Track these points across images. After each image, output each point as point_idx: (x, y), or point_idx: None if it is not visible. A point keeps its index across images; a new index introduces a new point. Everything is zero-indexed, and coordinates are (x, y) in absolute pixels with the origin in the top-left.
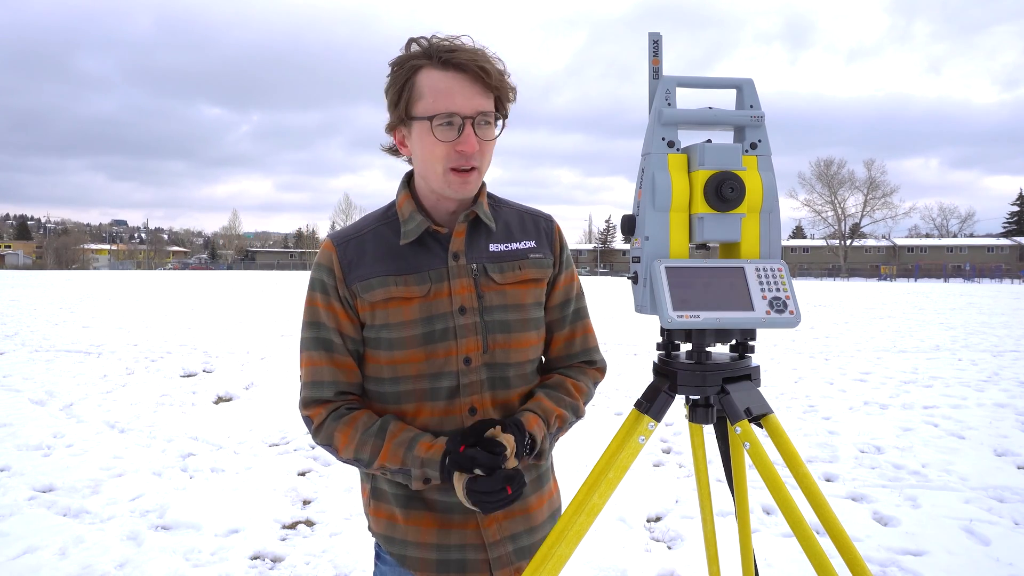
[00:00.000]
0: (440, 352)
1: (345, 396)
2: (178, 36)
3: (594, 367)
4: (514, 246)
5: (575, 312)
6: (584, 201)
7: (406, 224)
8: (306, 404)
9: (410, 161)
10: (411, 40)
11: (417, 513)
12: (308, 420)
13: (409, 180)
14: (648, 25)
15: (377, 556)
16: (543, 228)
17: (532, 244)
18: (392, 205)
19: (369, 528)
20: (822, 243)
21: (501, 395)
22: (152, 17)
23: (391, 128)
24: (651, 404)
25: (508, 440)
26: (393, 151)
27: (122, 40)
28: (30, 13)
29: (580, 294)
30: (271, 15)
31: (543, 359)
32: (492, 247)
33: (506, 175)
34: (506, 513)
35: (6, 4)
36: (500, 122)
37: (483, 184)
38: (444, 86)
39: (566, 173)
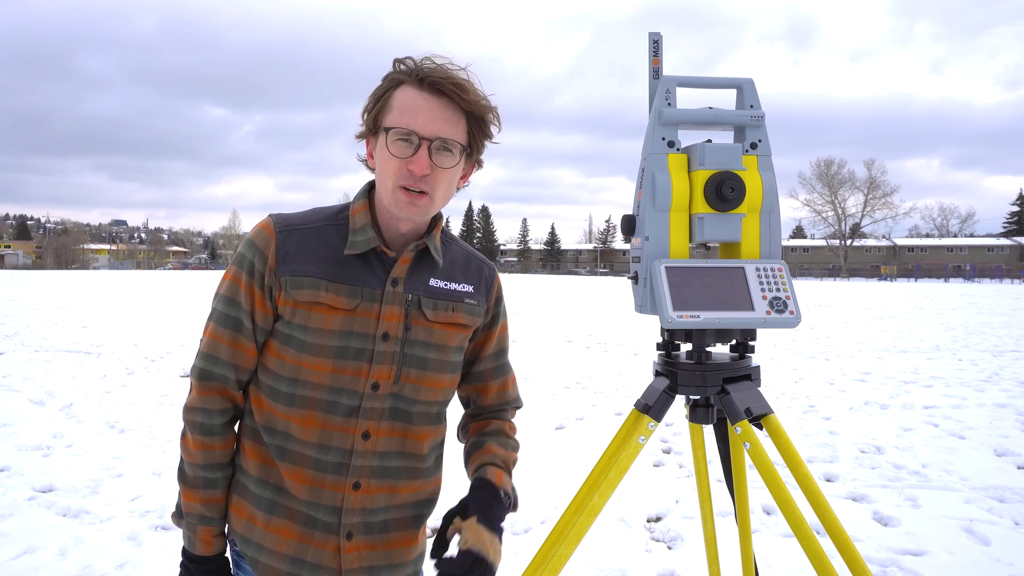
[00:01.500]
0: (349, 370)
1: (237, 382)
2: (182, 36)
3: (516, 407)
4: (453, 286)
5: (507, 362)
6: (585, 201)
7: (355, 234)
8: (200, 376)
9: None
10: (404, 58)
11: (279, 520)
12: (191, 392)
13: (371, 190)
14: (652, 26)
15: (236, 565)
16: (485, 276)
17: (470, 289)
18: (346, 208)
19: (228, 523)
20: (822, 243)
21: (399, 427)
22: (156, 17)
23: (362, 136)
24: (651, 404)
25: (482, 542)
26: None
27: (126, 40)
28: (33, 13)
29: (506, 346)
30: (275, 16)
31: (474, 406)
32: (432, 282)
33: (507, 175)
34: (369, 544)
35: (9, 4)
36: (463, 155)
37: (440, 217)
38: (412, 103)
39: (567, 173)
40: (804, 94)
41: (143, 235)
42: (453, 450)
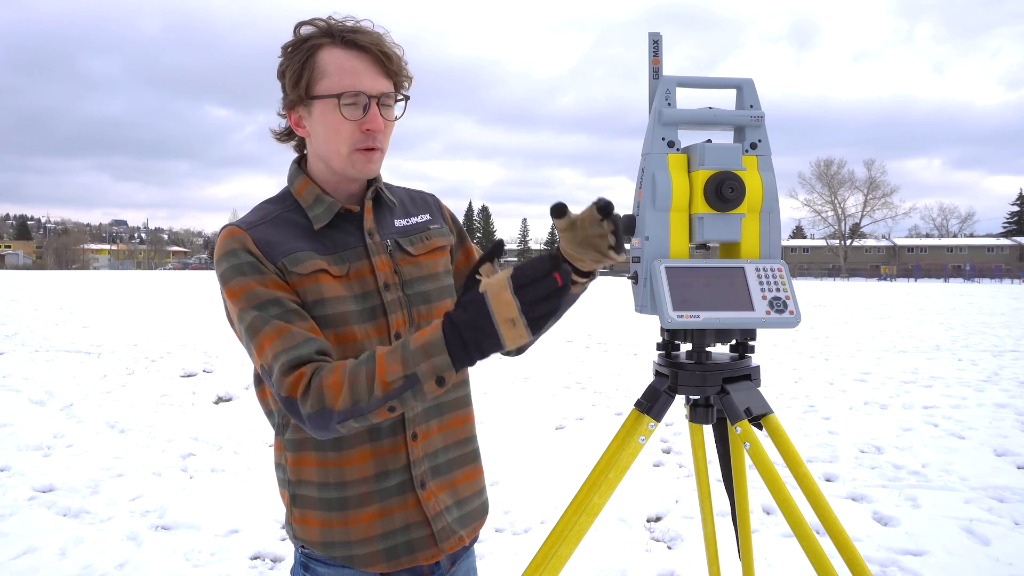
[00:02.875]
0: (372, 331)
1: (324, 356)
2: (186, 37)
3: None
4: (414, 220)
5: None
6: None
7: (313, 209)
8: (286, 371)
9: (302, 146)
10: (303, 23)
11: (355, 511)
12: (290, 399)
13: (299, 166)
14: (656, 27)
15: (304, 567)
16: (431, 203)
17: (428, 217)
18: (288, 193)
19: (296, 538)
20: (822, 243)
21: None
22: (160, 18)
23: (288, 107)
24: (651, 404)
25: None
26: (287, 135)
27: (130, 41)
28: (38, 15)
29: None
30: (278, 16)
31: None
32: (397, 222)
33: (509, 175)
34: (440, 486)
35: (13, 5)
36: (402, 104)
37: None
38: (349, 65)
39: (569, 173)
40: (806, 95)
41: (143, 235)
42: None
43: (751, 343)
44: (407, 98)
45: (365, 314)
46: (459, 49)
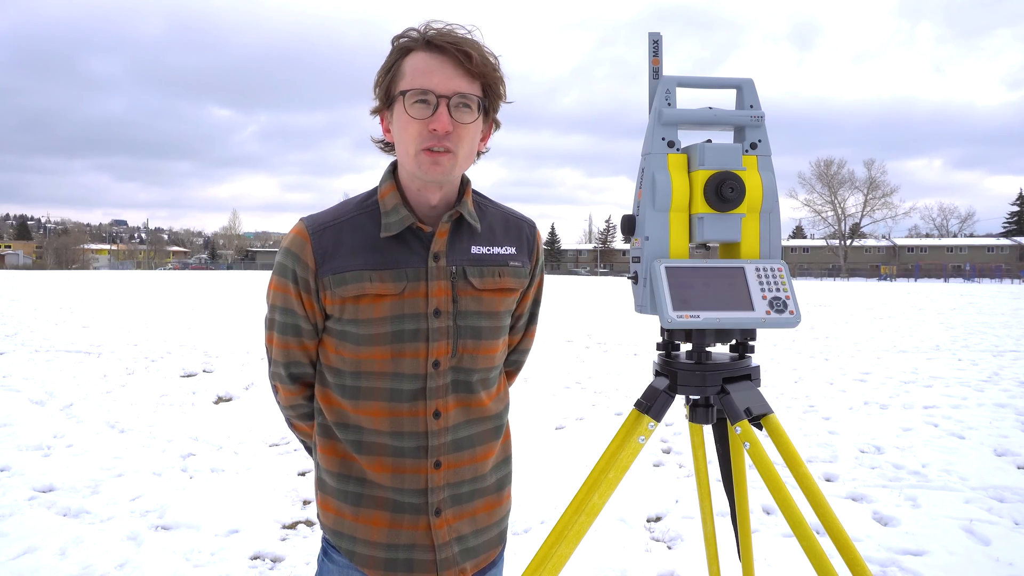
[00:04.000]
0: (408, 352)
1: (289, 377)
2: (189, 38)
3: (515, 368)
4: (496, 250)
5: (537, 312)
6: (587, 201)
7: (388, 216)
8: (284, 380)
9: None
10: (408, 28)
11: (367, 511)
12: (279, 391)
13: (395, 170)
14: (658, 28)
15: (325, 553)
16: (526, 234)
17: (513, 251)
18: (373, 193)
19: (318, 518)
20: (822, 243)
21: (464, 398)
22: (163, 19)
23: (376, 112)
24: (651, 404)
25: None
26: (384, 144)
27: (133, 41)
28: (39, 15)
29: (540, 299)
30: (282, 17)
31: None
32: (474, 249)
33: (510, 175)
34: (456, 515)
35: (16, 5)
36: (482, 109)
37: (467, 182)
38: (425, 65)
39: (570, 173)
40: (808, 95)
41: (143, 235)
42: None
43: (751, 343)
44: (486, 104)
45: (406, 335)
46: None
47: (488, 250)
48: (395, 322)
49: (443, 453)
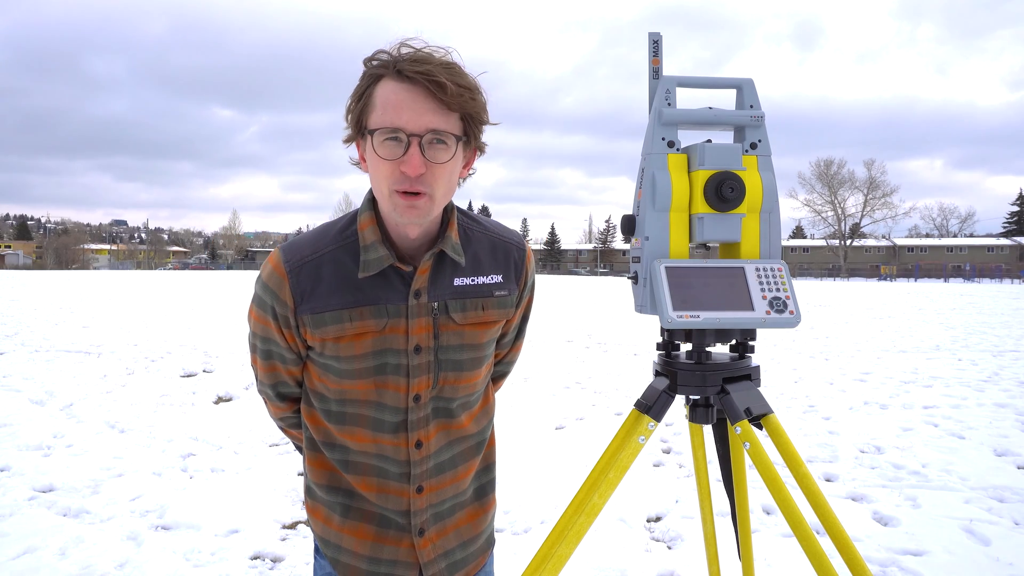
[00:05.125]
0: (390, 385)
1: (277, 394)
2: (192, 38)
3: (502, 377)
4: (480, 280)
5: (516, 334)
6: (588, 202)
7: (366, 252)
8: (272, 398)
9: None
10: (379, 51)
11: (353, 523)
12: (269, 405)
13: (374, 199)
14: (661, 28)
15: (316, 550)
16: (514, 259)
17: (499, 279)
18: (354, 221)
19: (308, 523)
20: (822, 243)
21: (444, 423)
22: (166, 19)
23: (349, 140)
24: (651, 404)
25: None
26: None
27: (136, 42)
28: (42, 15)
29: (528, 315)
30: (285, 18)
31: None
32: (457, 281)
33: (510, 176)
34: (440, 532)
35: (19, 5)
36: (460, 145)
37: (451, 209)
38: (395, 98)
39: (571, 173)
40: (810, 95)
41: (143, 235)
42: None
43: (751, 343)
44: (466, 139)
45: (388, 368)
46: (462, 50)
47: (472, 281)
48: (377, 356)
49: (425, 479)
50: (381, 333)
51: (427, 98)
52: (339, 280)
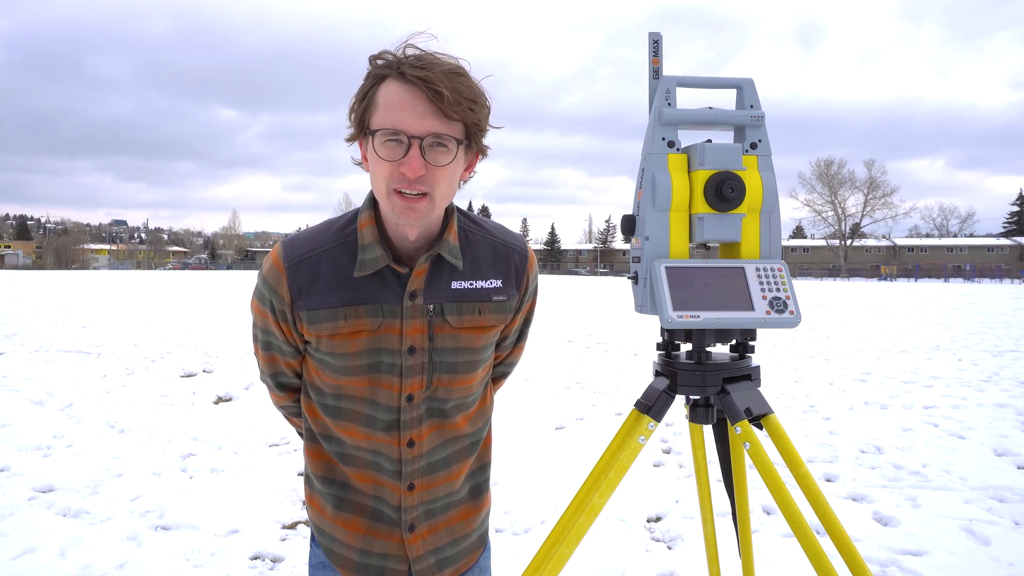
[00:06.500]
0: (383, 384)
1: (277, 384)
2: (195, 38)
3: (502, 378)
4: (479, 284)
5: (518, 337)
6: (589, 202)
7: (364, 252)
8: (274, 387)
9: None
10: (385, 51)
11: (346, 515)
12: (271, 394)
13: (375, 199)
14: (664, 29)
15: (312, 538)
16: (515, 264)
17: (499, 284)
18: (354, 219)
19: (306, 511)
20: (822, 243)
21: (438, 423)
22: (169, 19)
23: (352, 139)
24: (651, 404)
25: None
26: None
27: (139, 42)
28: (46, 16)
29: (531, 319)
30: (287, 18)
31: None
32: (455, 284)
33: (511, 176)
34: (431, 528)
35: (22, 6)
36: (461, 148)
37: (452, 211)
38: (398, 100)
39: (572, 173)
40: (812, 96)
41: (143, 235)
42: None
43: (751, 343)
44: (468, 143)
45: (382, 367)
46: (465, 51)
47: (470, 284)
48: (371, 355)
49: (417, 477)
50: (375, 332)
51: (430, 100)
52: (336, 278)
